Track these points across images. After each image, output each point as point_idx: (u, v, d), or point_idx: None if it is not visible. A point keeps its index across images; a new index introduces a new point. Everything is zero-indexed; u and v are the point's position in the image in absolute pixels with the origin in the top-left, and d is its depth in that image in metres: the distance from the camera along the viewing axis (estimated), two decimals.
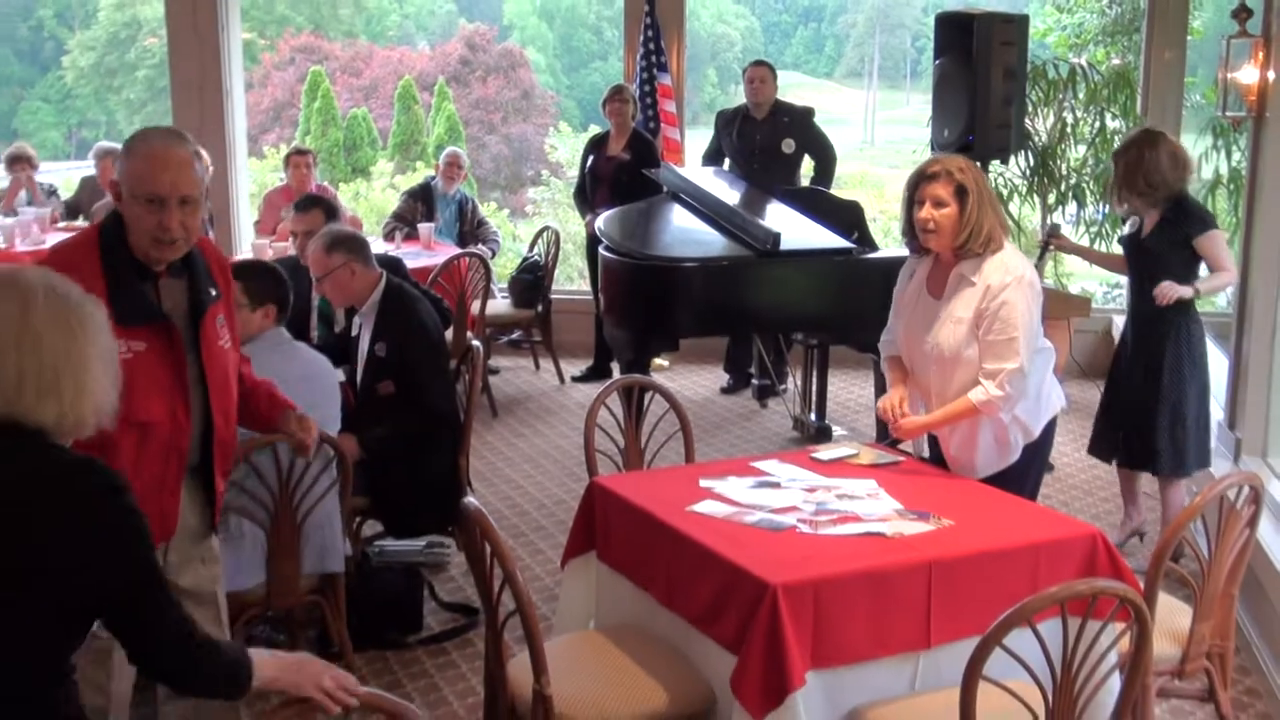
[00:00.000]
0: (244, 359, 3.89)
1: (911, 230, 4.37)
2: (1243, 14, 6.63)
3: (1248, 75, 6.41)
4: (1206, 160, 9.20)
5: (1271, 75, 5.91)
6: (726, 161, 8.89)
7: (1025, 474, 4.48)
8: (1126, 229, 6.13)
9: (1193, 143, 9.37)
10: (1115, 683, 3.36)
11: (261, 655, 2.63)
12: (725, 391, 9.14)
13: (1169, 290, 5.57)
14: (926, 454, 4.68)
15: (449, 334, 6.24)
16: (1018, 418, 4.38)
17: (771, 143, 8.56)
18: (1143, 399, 5.78)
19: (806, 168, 8.92)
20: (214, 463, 3.55)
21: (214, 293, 3.51)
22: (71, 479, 2.43)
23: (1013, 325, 4.20)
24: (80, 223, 9.21)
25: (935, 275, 4.44)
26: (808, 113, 8.86)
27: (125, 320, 3.17)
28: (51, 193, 10.51)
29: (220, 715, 3.74)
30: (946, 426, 4.41)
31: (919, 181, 4.32)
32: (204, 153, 3.41)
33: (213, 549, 3.72)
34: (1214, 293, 6.44)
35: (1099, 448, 6.18)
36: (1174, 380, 5.70)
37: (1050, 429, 4.57)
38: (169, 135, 3.37)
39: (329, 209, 6.41)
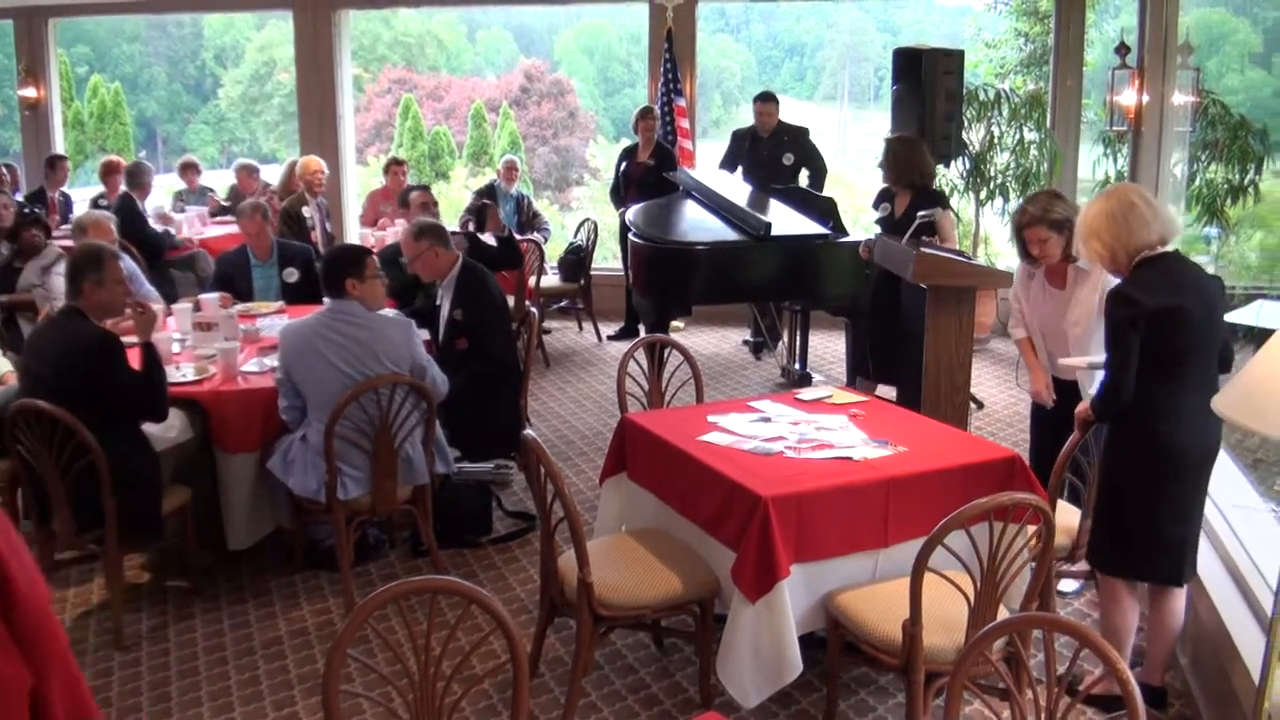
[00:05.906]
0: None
1: (1025, 252, 4.43)
2: (1123, 50, 7.05)
3: (1127, 98, 6.74)
4: (1098, 165, 9.10)
5: (1145, 98, 5.96)
6: (739, 168, 8.68)
7: None
8: (880, 213, 6.22)
9: (1088, 151, 9.31)
10: (1027, 571, 3.35)
11: None
12: (754, 349, 8.83)
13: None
14: (1052, 400, 4.57)
15: (511, 300, 6.21)
16: None
17: (774, 156, 8.42)
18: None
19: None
20: None
21: None
22: None
23: None
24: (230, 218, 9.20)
25: (1052, 273, 4.48)
26: (804, 131, 8.61)
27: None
28: (209, 191, 10.56)
29: None
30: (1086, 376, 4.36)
31: (1020, 229, 4.39)
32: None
33: None
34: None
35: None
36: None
37: None
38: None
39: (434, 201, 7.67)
